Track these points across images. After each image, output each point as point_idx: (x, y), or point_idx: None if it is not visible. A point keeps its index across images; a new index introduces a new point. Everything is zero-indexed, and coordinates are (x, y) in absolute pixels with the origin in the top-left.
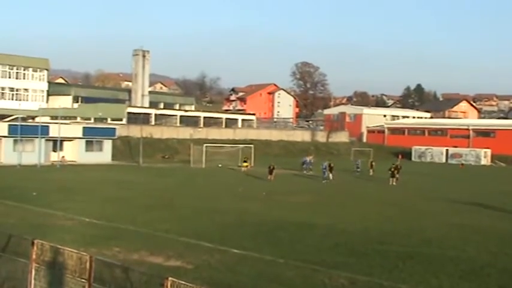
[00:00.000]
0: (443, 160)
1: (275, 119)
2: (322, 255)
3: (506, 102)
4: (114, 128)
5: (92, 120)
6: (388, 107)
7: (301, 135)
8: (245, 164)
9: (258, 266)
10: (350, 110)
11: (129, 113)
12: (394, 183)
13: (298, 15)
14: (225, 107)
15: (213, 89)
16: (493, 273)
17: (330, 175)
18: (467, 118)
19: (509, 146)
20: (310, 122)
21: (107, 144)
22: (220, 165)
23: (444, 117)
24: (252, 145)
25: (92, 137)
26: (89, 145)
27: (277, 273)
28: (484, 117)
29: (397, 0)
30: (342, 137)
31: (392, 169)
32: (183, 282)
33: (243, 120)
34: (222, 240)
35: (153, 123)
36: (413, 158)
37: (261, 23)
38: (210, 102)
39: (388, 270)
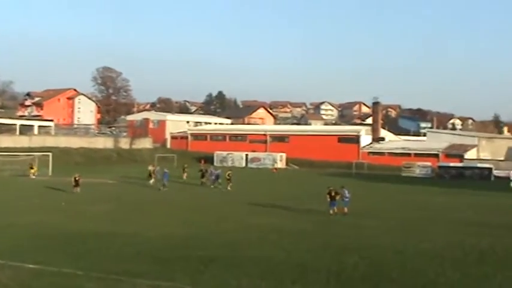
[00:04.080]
0: (244, 164)
1: (75, 126)
2: (124, 265)
3: (299, 109)
4: None
5: None
6: (192, 113)
7: (104, 142)
8: (32, 170)
9: (55, 280)
10: (154, 116)
11: None
12: (229, 188)
13: (99, 17)
14: (20, 113)
15: (6, 93)
16: (287, 270)
17: (151, 180)
18: (264, 124)
19: (301, 150)
20: (113, 128)
21: None
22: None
23: (244, 123)
24: (49, 153)
25: None
26: None
27: (76, 286)
28: (279, 123)
29: (199, 9)
30: (145, 143)
31: (228, 176)
32: None
33: (39, 126)
34: (15, 256)
35: None
36: (215, 163)
37: (57, 24)
38: (1, 108)
39: (190, 275)
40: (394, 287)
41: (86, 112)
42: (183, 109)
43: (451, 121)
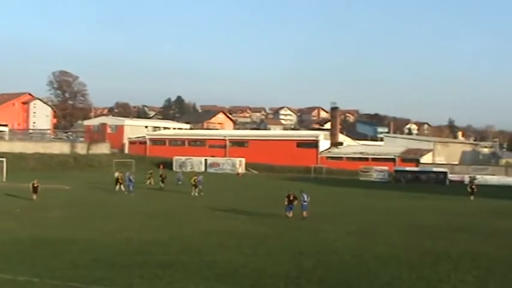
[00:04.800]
0: (203, 169)
1: (31, 131)
2: (80, 271)
3: (258, 114)
4: None
5: None
6: (150, 118)
7: (60, 147)
8: None
9: None
10: (111, 121)
11: None
12: (196, 194)
13: (54, 19)
14: None
15: None
16: (245, 274)
17: (122, 187)
18: (223, 129)
19: (261, 154)
20: (70, 133)
21: None
22: None
23: (203, 128)
24: (3, 159)
25: None
26: None
27: None
28: (238, 128)
29: (157, 13)
30: (103, 148)
31: (193, 182)
32: None
33: None
34: None
35: None
36: (174, 168)
37: (12, 27)
38: None
39: (148, 280)
40: None
41: (42, 117)
42: (141, 114)
43: (407, 126)
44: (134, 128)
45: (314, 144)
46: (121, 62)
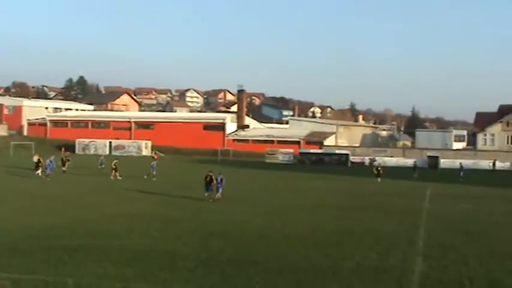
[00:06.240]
0: (107, 152)
1: None
2: None
3: (164, 96)
4: None
5: None
6: (50, 99)
7: None
8: None
9: None
10: (8, 101)
11: None
12: (118, 178)
13: None
14: None
15: None
16: (155, 257)
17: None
18: (128, 111)
19: (167, 137)
20: None
21: None
22: None
23: (107, 110)
24: None
25: None
26: None
27: None
28: (144, 110)
29: None
30: None
31: (114, 165)
32: None
33: None
34: None
35: None
36: (77, 151)
37: None
38: None
39: (53, 266)
40: (260, 270)
41: None
42: (40, 94)
43: (312, 109)
44: (33, 109)
45: (221, 127)
46: (18, 40)
